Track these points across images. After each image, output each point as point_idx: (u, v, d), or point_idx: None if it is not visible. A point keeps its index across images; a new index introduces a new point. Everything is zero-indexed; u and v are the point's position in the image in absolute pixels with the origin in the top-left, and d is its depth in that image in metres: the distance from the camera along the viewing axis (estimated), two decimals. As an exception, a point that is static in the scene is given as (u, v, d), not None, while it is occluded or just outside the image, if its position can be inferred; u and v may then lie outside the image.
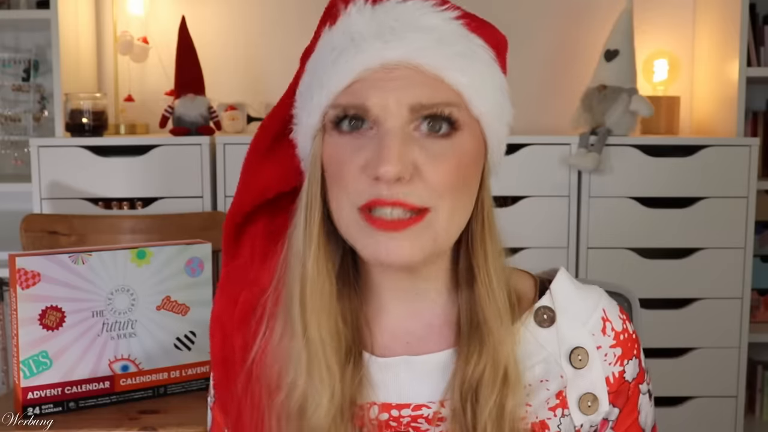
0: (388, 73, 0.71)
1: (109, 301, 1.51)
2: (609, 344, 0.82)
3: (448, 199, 0.72)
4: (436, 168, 0.71)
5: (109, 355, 1.52)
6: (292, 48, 2.66)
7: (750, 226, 2.17)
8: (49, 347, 1.46)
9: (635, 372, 0.83)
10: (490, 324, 0.76)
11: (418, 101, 0.71)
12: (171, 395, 1.59)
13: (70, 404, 1.49)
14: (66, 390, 1.49)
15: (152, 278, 1.55)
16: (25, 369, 1.45)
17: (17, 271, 1.43)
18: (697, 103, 2.52)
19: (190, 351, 1.60)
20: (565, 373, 0.80)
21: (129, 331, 1.54)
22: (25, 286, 1.44)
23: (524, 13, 2.46)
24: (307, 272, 0.75)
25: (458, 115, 0.72)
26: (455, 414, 0.76)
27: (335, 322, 0.76)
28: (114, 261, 1.52)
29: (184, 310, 1.59)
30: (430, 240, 0.72)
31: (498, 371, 0.75)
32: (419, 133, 0.72)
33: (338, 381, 0.75)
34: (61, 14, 2.20)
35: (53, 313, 1.46)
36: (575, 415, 0.80)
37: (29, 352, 1.45)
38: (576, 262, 2.16)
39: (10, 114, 2.44)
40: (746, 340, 2.20)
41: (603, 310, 0.82)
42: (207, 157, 2.11)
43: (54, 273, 1.45)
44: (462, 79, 0.73)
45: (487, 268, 0.77)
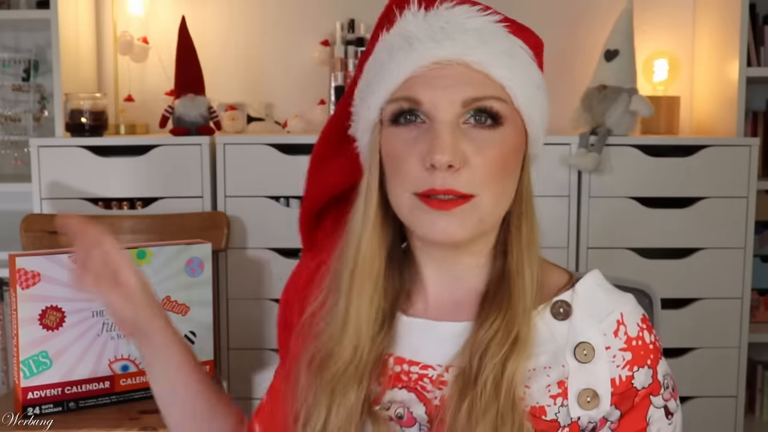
0: (440, 71, 0.80)
1: None
2: (619, 347, 0.83)
3: (491, 186, 0.80)
4: (482, 157, 0.79)
5: (109, 355, 1.53)
6: (292, 48, 2.68)
7: (750, 226, 2.17)
8: (49, 347, 1.47)
9: (646, 381, 0.83)
10: (513, 297, 0.83)
11: (470, 95, 0.79)
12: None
13: (70, 404, 1.50)
14: (66, 390, 1.49)
15: (152, 278, 1.53)
16: (25, 369, 1.45)
17: (17, 271, 1.43)
18: (697, 103, 2.52)
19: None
20: (568, 364, 0.83)
21: None
22: (25, 286, 1.44)
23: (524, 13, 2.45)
24: (360, 251, 0.85)
25: (503, 108, 0.81)
26: (459, 373, 0.81)
27: (377, 296, 0.86)
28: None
29: (184, 310, 1.59)
30: (475, 221, 0.80)
31: (510, 334, 0.81)
32: (467, 125, 0.80)
33: (365, 340, 0.84)
34: (61, 14, 2.20)
35: (53, 313, 1.46)
36: (573, 407, 0.82)
37: (29, 352, 1.45)
38: (576, 262, 2.16)
39: (10, 114, 2.44)
40: (746, 340, 2.20)
41: (621, 313, 0.84)
42: (207, 157, 2.11)
43: (54, 273, 1.46)
44: (506, 74, 0.81)
45: (520, 248, 0.84)
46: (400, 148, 0.81)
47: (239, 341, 2.13)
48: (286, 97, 2.54)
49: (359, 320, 0.85)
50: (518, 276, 0.84)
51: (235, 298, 2.13)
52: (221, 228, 2.02)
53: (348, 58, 2.41)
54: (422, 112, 0.80)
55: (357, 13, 2.47)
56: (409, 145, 0.80)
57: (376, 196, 0.85)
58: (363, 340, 0.85)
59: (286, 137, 2.23)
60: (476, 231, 0.81)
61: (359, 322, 0.85)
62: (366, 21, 2.45)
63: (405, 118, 0.81)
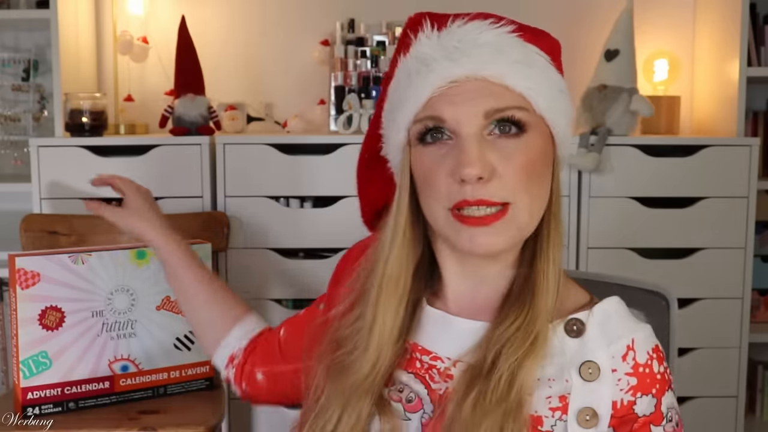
0: (459, 87, 0.82)
1: (108, 301, 1.51)
2: (625, 371, 0.84)
3: (524, 192, 0.82)
4: (510, 166, 0.82)
5: (108, 355, 1.52)
6: (292, 48, 2.68)
7: (750, 226, 2.17)
8: (49, 347, 1.46)
9: (648, 410, 0.84)
10: (536, 298, 0.84)
11: (491, 107, 0.81)
12: (171, 395, 1.59)
13: (70, 404, 1.49)
14: (66, 390, 1.48)
15: (152, 278, 1.54)
16: (25, 369, 1.45)
17: (17, 271, 1.43)
18: (697, 103, 2.52)
19: (189, 351, 1.59)
20: (572, 380, 0.83)
21: (129, 331, 1.53)
22: (25, 286, 1.43)
23: (524, 13, 2.46)
24: (388, 267, 0.89)
25: (525, 116, 0.83)
26: (468, 368, 0.83)
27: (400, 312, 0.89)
28: (114, 261, 1.51)
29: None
30: (515, 230, 0.83)
31: (530, 335, 0.82)
32: (492, 136, 0.82)
33: (385, 356, 0.87)
34: (60, 14, 2.20)
35: (53, 313, 1.45)
36: (571, 423, 0.83)
37: (29, 353, 1.45)
38: (576, 261, 2.16)
39: (10, 114, 2.44)
40: (746, 340, 2.20)
41: (632, 339, 0.85)
42: (207, 157, 2.11)
43: (54, 273, 1.45)
44: (524, 83, 0.83)
45: (548, 252, 0.85)
46: (429, 166, 0.84)
47: (239, 341, 2.12)
48: (286, 97, 2.54)
49: (383, 336, 0.88)
50: (543, 278, 0.85)
51: (235, 298, 2.13)
52: (221, 228, 2.02)
53: (348, 58, 2.41)
54: (447, 128, 0.83)
55: (357, 13, 2.47)
56: (438, 162, 0.83)
57: (405, 214, 0.88)
58: (383, 355, 0.88)
59: (286, 137, 2.23)
60: (516, 240, 0.84)
61: (382, 338, 0.88)
62: (366, 21, 2.45)
63: (432, 136, 0.84)
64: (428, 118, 0.83)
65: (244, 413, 2.16)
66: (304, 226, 2.13)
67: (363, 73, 2.40)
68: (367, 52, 2.41)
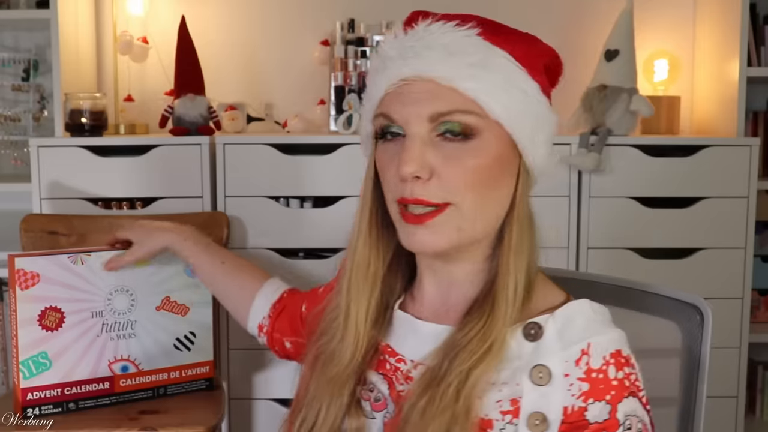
0: (409, 87, 0.84)
1: (108, 301, 1.50)
2: (577, 376, 0.81)
3: (469, 195, 0.83)
4: (451, 168, 0.83)
5: (108, 355, 1.51)
6: (292, 48, 2.68)
7: (750, 226, 2.17)
8: (49, 348, 1.45)
9: (601, 416, 0.80)
10: (495, 305, 0.84)
11: (436, 110, 0.83)
12: (171, 396, 1.59)
13: (70, 405, 1.49)
14: (66, 391, 1.48)
15: (152, 278, 1.54)
16: (25, 370, 1.45)
17: (16, 271, 1.43)
18: (697, 103, 2.52)
19: (189, 351, 1.59)
20: (522, 384, 0.82)
21: (129, 331, 1.52)
22: (25, 287, 1.43)
23: (524, 13, 2.46)
24: (356, 254, 0.92)
25: (473, 120, 0.83)
26: (427, 371, 0.85)
27: (375, 296, 0.92)
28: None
29: (184, 311, 1.59)
30: (453, 230, 0.84)
31: (484, 343, 0.83)
32: (439, 138, 0.83)
33: (362, 341, 0.91)
34: (60, 14, 2.20)
35: (52, 313, 1.45)
36: (522, 427, 0.81)
37: (29, 353, 1.45)
38: (576, 262, 2.15)
39: (10, 114, 2.44)
40: (746, 340, 2.19)
41: (588, 343, 0.82)
42: (207, 157, 2.11)
43: (53, 273, 1.45)
44: (474, 86, 0.82)
45: (508, 260, 0.86)
46: (383, 161, 0.88)
47: (239, 341, 2.12)
48: (286, 97, 2.54)
49: (358, 321, 0.91)
50: (502, 286, 0.85)
51: (235, 298, 2.13)
52: (221, 228, 2.02)
53: (348, 58, 2.41)
54: (398, 127, 0.85)
55: (357, 13, 2.47)
56: (389, 158, 0.86)
57: (369, 204, 0.92)
58: (361, 341, 0.91)
59: (286, 137, 2.23)
60: (457, 240, 0.85)
61: (358, 323, 0.91)
62: (366, 21, 2.45)
63: (391, 133, 0.86)
64: (382, 115, 0.86)
65: (244, 413, 2.16)
66: (304, 226, 2.13)
67: (363, 73, 2.40)
68: (367, 52, 2.41)
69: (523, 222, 0.87)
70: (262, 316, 1.29)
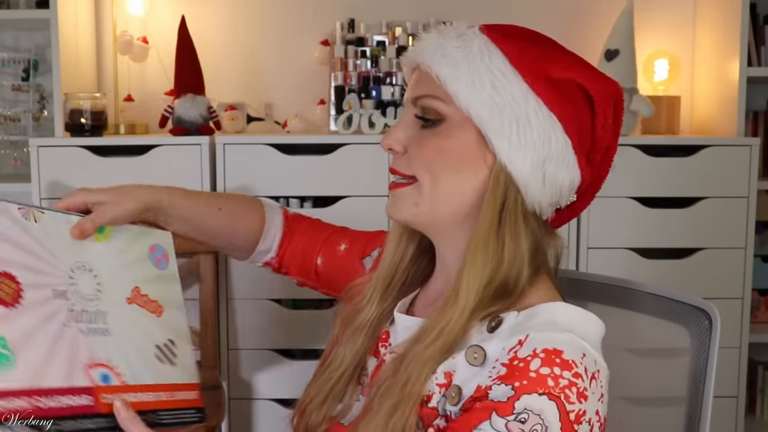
0: (414, 74, 0.93)
1: (71, 280, 1.07)
2: (502, 361, 0.81)
3: (426, 173, 0.89)
4: (416, 146, 0.91)
5: (82, 355, 1.03)
6: (292, 48, 2.68)
7: (750, 226, 2.17)
8: (8, 332, 0.96)
9: (500, 399, 0.78)
10: (450, 299, 0.88)
11: (415, 94, 0.91)
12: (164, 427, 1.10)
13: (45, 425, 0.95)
14: (37, 401, 0.95)
15: (115, 260, 1.14)
16: None
17: None
18: (697, 103, 2.52)
19: (174, 367, 1.14)
20: (456, 359, 0.85)
21: (101, 326, 1.08)
22: None
23: (524, 13, 2.46)
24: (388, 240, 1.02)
25: (439, 106, 0.89)
26: (396, 357, 0.90)
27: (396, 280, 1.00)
28: (69, 228, 1.10)
29: (159, 310, 1.17)
30: (411, 204, 0.91)
31: (433, 330, 0.87)
32: (417, 120, 0.92)
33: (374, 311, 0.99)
34: (60, 14, 2.20)
35: (6, 282, 0.99)
36: (446, 400, 0.85)
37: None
38: (576, 262, 2.16)
39: (10, 114, 2.43)
40: (747, 340, 2.19)
41: (527, 335, 0.81)
42: (207, 157, 2.11)
43: (3, 228, 1.03)
44: (445, 72, 0.87)
45: (466, 260, 0.88)
46: None
47: (239, 341, 2.13)
48: (286, 96, 2.54)
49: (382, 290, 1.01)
50: (458, 279, 0.88)
51: (236, 298, 2.13)
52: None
53: (348, 58, 2.41)
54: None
55: (357, 13, 2.47)
56: None
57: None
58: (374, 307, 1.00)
59: (286, 137, 2.23)
60: (412, 215, 0.92)
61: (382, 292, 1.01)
62: (366, 21, 2.45)
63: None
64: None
65: (244, 413, 2.16)
66: (304, 226, 2.12)
67: (363, 73, 2.40)
68: (367, 52, 2.41)
69: (489, 221, 0.87)
70: (268, 257, 1.26)
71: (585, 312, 0.85)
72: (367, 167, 2.11)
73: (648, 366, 0.86)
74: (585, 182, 0.92)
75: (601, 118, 0.90)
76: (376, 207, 2.12)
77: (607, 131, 0.91)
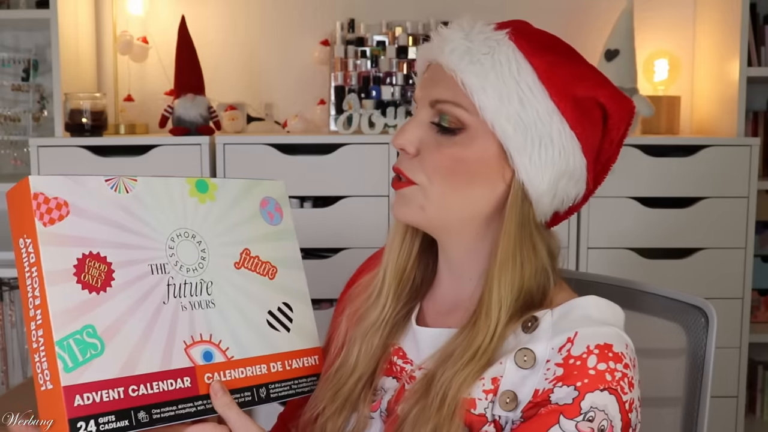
0: (429, 72, 0.89)
1: (171, 251, 0.97)
2: (556, 361, 0.81)
3: (438, 182, 0.87)
4: (431, 153, 0.87)
5: (183, 335, 0.94)
6: (292, 48, 2.67)
7: (750, 226, 2.17)
8: (96, 320, 0.88)
9: (564, 401, 0.79)
10: (481, 316, 0.86)
11: (434, 97, 0.87)
12: (275, 400, 1.02)
13: (140, 415, 0.89)
14: (131, 391, 0.88)
15: (222, 222, 1.03)
16: (65, 355, 0.83)
17: (34, 197, 0.86)
18: (697, 103, 2.52)
19: (288, 333, 1.04)
20: (504, 364, 0.83)
21: (205, 298, 0.98)
22: (49, 221, 0.87)
23: (524, 13, 2.46)
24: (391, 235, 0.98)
25: (462, 115, 0.85)
26: (426, 374, 0.87)
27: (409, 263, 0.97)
28: (168, 192, 0.99)
29: (272, 272, 1.07)
30: (417, 207, 0.88)
31: (470, 348, 0.84)
32: (434, 125, 0.88)
33: (390, 302, 0.96)
34: (60, 14, 2.20)
35: (95, 264, 0.89)
36: (496, 405, 0.83)
37: (67, 328, 0.84)
38: (576, 262, 2.15)
39: (10, 114, 2.43)
40: (747, 340, 2.19)
41: (575, 332, 0.82)
42: (207, 157, 2.11)
43: (88, 203, 0.91)
44: (472, 81, 0.83)
45: (493, 277, 0.86)
46: None
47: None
48: (286, 97, 2.54)
49: (391, 280, 0.97)
50: (487, 295, 0.86)
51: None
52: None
53: (348, 58, 2.41)
54: (415, 108, 0.91)
55: (357, 13, 2.47)
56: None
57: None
58: (390, 299, 0.96)
59: (286, 137, 2.23)
60: (419, 218, 0.89)
61: (390, 281, 0.97)
62: (366, 21, 2.45)
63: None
64: (412, 98, 0.93)
65: (244, 413, 2.16)
66: (304, 227, 2.12)
67: (363, 73, 2.40)
68: (367, 52, 2.41)
69: (512, 235, 0.86)
70: None
71: (610, 302, 0.87)
72: (367, 167, 2.11)
73: (645, 365, 0.86)
74: (588, 192, 0.94)
75: (611, 134, 0.91)
76: (376, 207, 2.13)
77: (613, 146, 0.93)
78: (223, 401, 0.87)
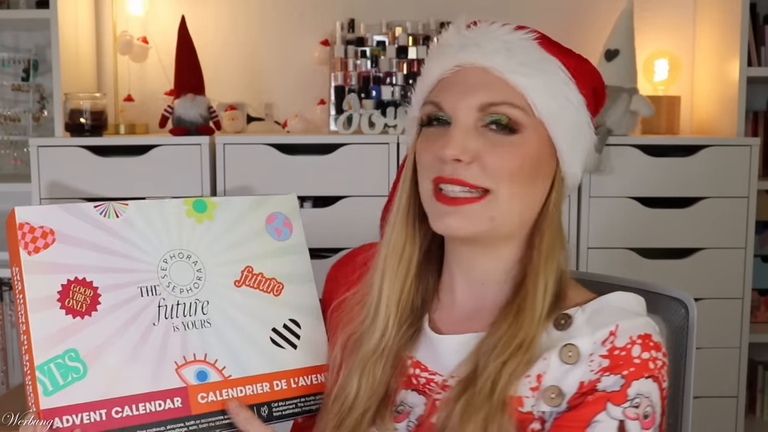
0: (463, 75, 0.87)
1: (163, 272, 0.97)
2: (600, 353, 0.83)
3: (506, 184, 0.85)
4: (494, 155, 0.85)
5: (175, 355, 0.93)
6: (292, 48, 2.68)
7: (750, 226, 2.17)
8: (79, 344, 0.89)
9: (612, 388, 0.82)
10: (523, 306, 0.86)
11: (485, 100, 0.85)
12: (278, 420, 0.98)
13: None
14: (114, 413, 0.88)
15: (220, 241, 1.02)
16: (45, 380, 0.86)
17: (19, 227, 0.89)
18: (697, 103, 2.52)
19: (295, 350, 1.01)
20: (549, 359, 0.84)
21: (200, 317, 0.96)
22: (34, 250, 0.90)
23: (524, 13, 2.46)
24: (393, 236, 0.93)
25: (519, 115, 0.85)
26: (463, 378, 0.85)
27: (406, 286, 0.93)
28: (162, 214, 1.01)
29: (277, 288, 1.05)
30: (486, 219, 0.85)
31: (514, 339, 0.84)
32: (485, 128, 0.86)
33: (392, 329, 0.92)
34: (60, 14, 2.20)
35: (80, 289, 0.91)
36: (540, 401, 0.84)
37: (49, 352, 0.87)
38: (576, 262, 2.15)
39: (10, 114, 2.43)
40: (747, 340, 2.20)
41: (617, 325, 0.84)
42: (207, 157, 2.11)
43: (75, 230, 0.93)
44: (524, 81, 0.85)
45: (538, 261, 0.88)
46: (426, 145, 0.89)
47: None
48: (286, 96, 2.54)
49: (389, 305, 0.92)
50: (532, 288, 0.87)
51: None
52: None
53: (348, 58, 2.41)
54: (447, 115, 0.87)
55: (357, 13, 2.47)
56: (431, 141, 0.88)
57: (408, 190, 0.93)
58: (390, 326, 0.92)
59: (286, 137, 2.23)
60: (485, 230, 0.86)
61: (389, 306, 0.92)
62: (366, 21, 2.45)
63: (437, 120, 0.88)
64: (431, 103, 0.88)
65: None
66: (304, 226, 2.12)
67: (363, 73, 2.40)
68: (367, 52, 2.41)
69: (555, 229, 0.90)
70: None
71: (634, 294, 0.90)
72: (367, 167, 2.11)
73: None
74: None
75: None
76: (377, 207, 2.12)
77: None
78: (243, 417, 0.89)
